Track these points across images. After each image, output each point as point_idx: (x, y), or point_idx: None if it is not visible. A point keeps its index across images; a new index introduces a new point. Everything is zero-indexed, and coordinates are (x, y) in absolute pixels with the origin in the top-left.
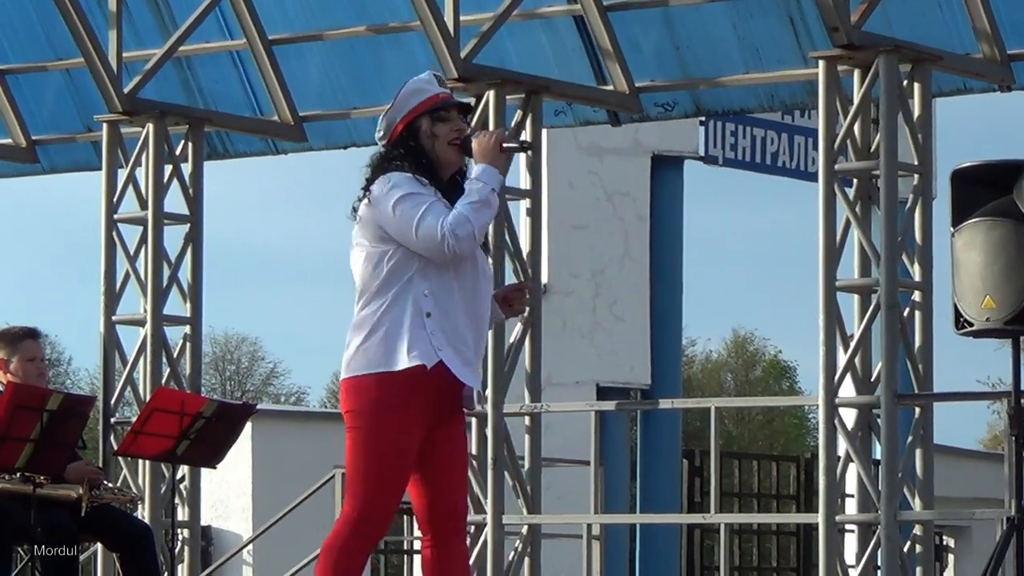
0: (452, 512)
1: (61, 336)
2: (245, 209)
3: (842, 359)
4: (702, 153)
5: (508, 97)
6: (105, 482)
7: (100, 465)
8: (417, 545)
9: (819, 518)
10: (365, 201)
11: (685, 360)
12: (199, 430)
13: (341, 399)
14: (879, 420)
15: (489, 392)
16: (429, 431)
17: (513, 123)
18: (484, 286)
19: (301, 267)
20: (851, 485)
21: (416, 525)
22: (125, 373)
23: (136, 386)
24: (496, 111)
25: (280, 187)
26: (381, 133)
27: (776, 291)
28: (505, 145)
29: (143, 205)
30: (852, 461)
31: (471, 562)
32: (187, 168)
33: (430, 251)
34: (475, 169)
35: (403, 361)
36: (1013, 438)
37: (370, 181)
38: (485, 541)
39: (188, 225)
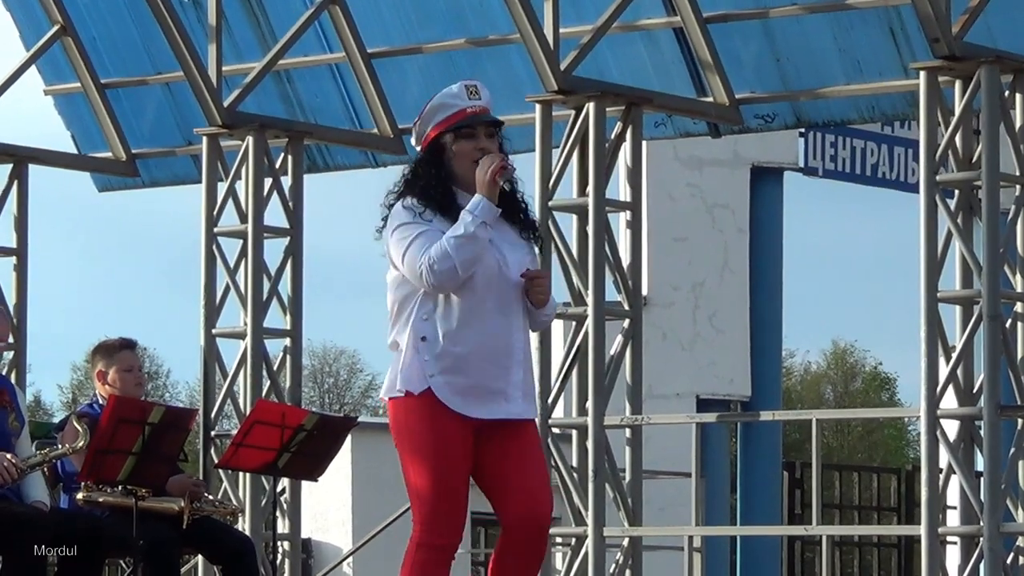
0: (524, 510)
1: (160, 349)
2: (344, 222)
3: (944, 371)
4: (802, 164)
5: (608, 109)
6: (206, 494)
7: (201, 478)
8: None
9: (921, 530)
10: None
11: (784, 372)
12: (300, 443)
13: None
14: (981, 432)
15: (590, 404)
16: (478, 441)
17: (613, 135)
18: (515, 302)
19: None
20: (953, 497)
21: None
22: (225, 386)
23: (236, 399)
24: (596, 123)
25: (379, 200)
26: (414, 142)
27: (876, 303)
28: (498, 178)
29: (243, 218)
30: (954, 473)
31: (573, 574)
32: (287, 181)
33: (416, 283)
34: (473, 200)
35: (400, 386)
36: None
37: (400, 195)
38: (586, 553)
39: (288, 238)
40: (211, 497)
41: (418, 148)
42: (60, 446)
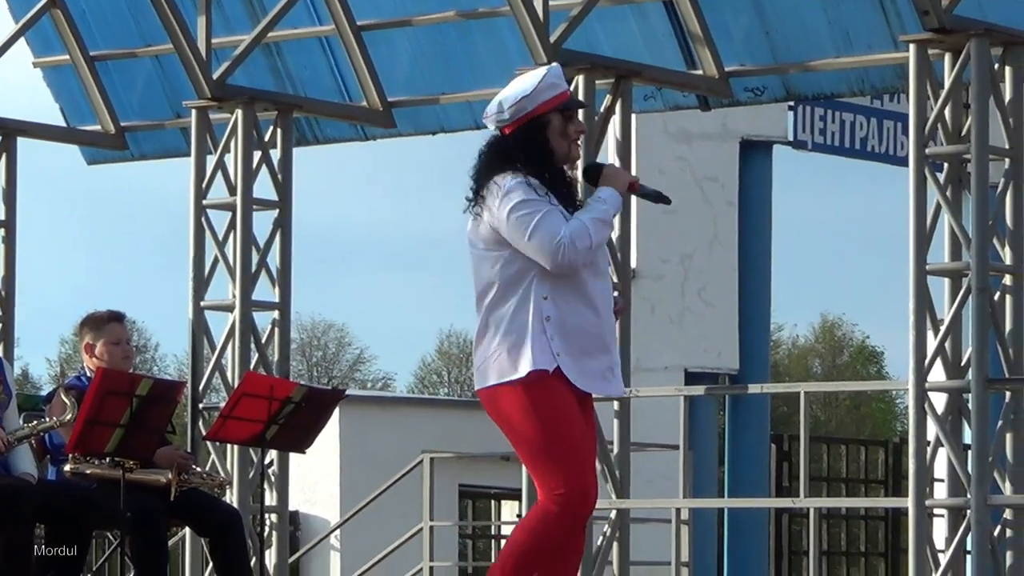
0: (586, 497)
1: (149, 322)
2: (333, 195)
3: (932, 343)
4: (791, 138)
5: (598, 82)
6: (194, 466)
7: (188, 450)
8: (506, 530)
9: (909, 502)
10: (481, 203)
11: (772, 345)
12: (288, 415)
13: (487, 409)
14: (969, 404)
15: None
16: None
17: (603, 108)
18: (608, 286)
19: (388, 253)
20: (940, 470)
21: (502, 509)
22: (214, 359)
23: (224, 371)
24: (586, 96)
25: (368, 173)
26: (506, 117)
27: (864, 276)
28: (641, 187)
29: (232, 191)
30: (942, 446)
31: None
32: (276, 154)
33: (543, 259)
34: (601, 190)
35: (526, 367)
36: None
37: (482, 171)
38: None
39: (277, 211)
40: (199, 469)
41: (497, 124)
42: (48, 419)
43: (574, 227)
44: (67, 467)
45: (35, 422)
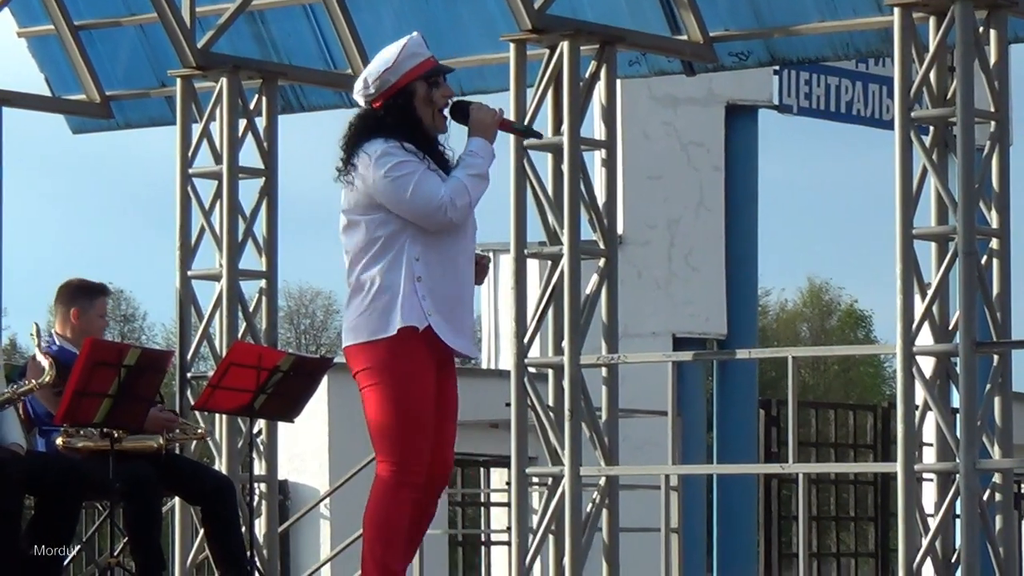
0: (443, 461)
1: (136, 292)
2: (319, 163)
3: (919, 307)
4: (776, 102)
5: (582, 48)
6: (180, 418)
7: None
8: (495, 497)
9: (898, 467)
10: (352, 171)
11: (760, 310)
12: (276, 384)
13: (349, 364)
14: (957, 368)
15: (566, 343)
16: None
17: (587, 73)
18: (472, 247)
19: None
20: (929, 434)
21: (491, 476)
22: (201, 328)
23: (212, 341)
24: (570, 62)
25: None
26: (372, 91)
27: (851, 240)
28: (511, 123)
29: (217, 160)
30: (930, 410)
31: (550, 514)
32: (261, 122)
33: (423, 219)
34: (472, 142)
35: (397, 324)
36: None
37: (351, 141)
38: (563, 493)
39: (263, 179)
40: (181, 419)
41: (365, 100)
42: (26, 382)
43: (453, 186)
44: (59, 440)
45: (15, 386)
